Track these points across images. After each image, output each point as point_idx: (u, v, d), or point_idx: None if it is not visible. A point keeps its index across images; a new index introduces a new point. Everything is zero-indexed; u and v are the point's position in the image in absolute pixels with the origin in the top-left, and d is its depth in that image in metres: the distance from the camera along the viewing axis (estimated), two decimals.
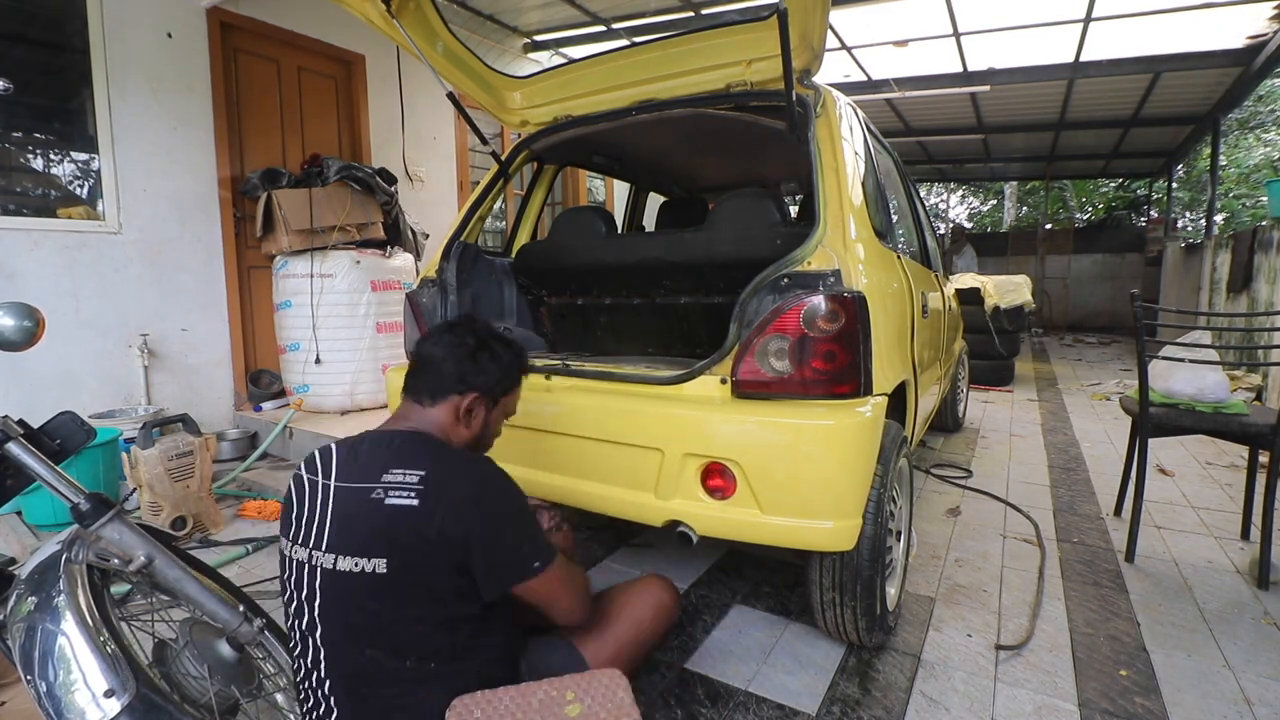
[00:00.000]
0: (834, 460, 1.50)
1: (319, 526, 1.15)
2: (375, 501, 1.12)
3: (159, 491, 2.58)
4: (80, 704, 0.94)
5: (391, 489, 1.12)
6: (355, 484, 1.16)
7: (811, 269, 1.58)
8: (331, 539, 1.13)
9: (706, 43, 2.09)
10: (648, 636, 1.45)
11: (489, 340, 1.37)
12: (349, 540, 1.12)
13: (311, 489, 1.19)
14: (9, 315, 1.18)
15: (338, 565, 1.12)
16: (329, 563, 1.12)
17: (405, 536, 1.10)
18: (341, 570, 1.11)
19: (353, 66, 4.64)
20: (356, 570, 1.10)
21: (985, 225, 18.44)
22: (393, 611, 1.10)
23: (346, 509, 1.14)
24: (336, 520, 1.14)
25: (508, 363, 1.39)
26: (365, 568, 1.10)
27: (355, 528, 1.12)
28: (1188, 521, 2.75)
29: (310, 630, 1.14)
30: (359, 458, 1.20)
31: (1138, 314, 2.27)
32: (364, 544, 1.11)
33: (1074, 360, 7.80)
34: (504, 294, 2.62)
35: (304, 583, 1.15)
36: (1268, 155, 12.52)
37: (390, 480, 1.13)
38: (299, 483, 1.22)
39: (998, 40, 5.70)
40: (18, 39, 3.24)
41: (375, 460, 1.18)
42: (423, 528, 1.10)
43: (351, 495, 1.15)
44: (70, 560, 1.10)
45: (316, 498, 1.18)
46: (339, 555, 1.12)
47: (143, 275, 3.58)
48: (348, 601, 1.12)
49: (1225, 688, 1.67)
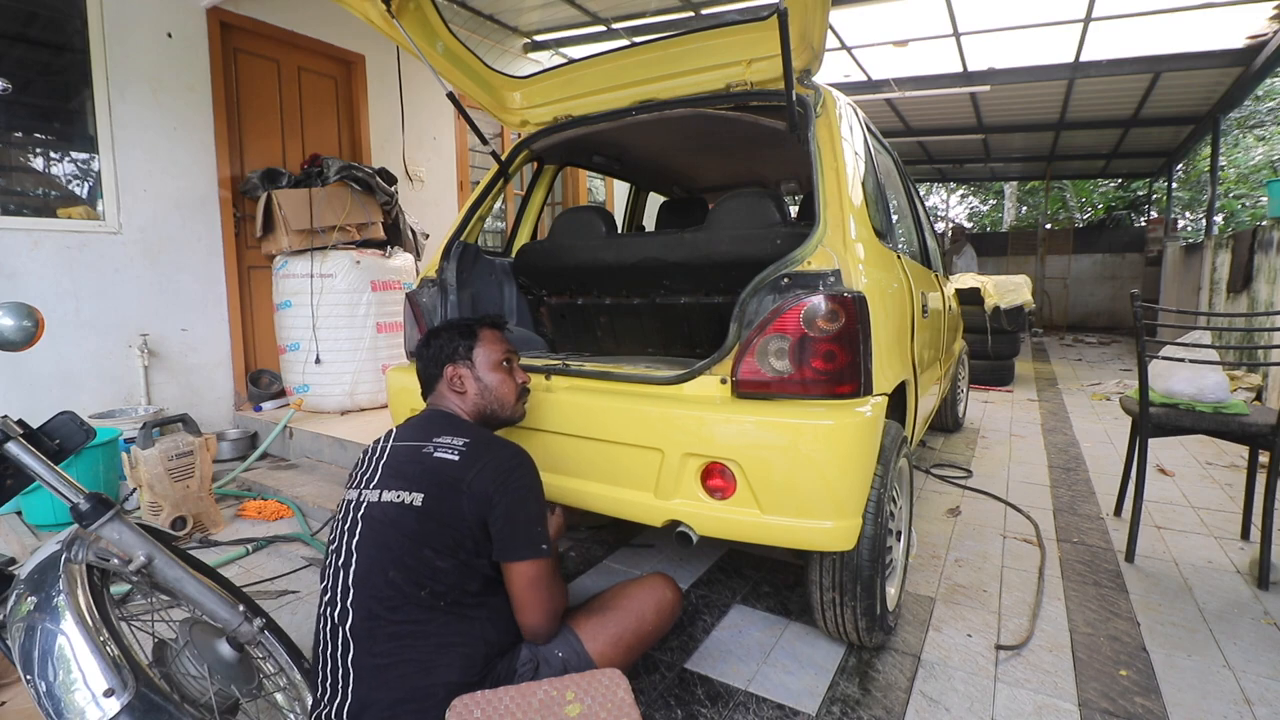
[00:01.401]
0: (834, 460, 1.50)
1: (373, 471, 1.38)
2: (425, 454, 1.35)
3: (159, 491, 2.58)
4: (80, 703, 0.94)
5: (440, 447, 1.36)
6: (409, 442, 1.41)
7: (811, 269, 1.58)
8: (381, 479, 1.35)
9: (706, 43, 2.09)
10: (649, 630, 1.46)
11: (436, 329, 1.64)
12: (395, 479, 1.33)
13: (375, 449, 1.44)
14: (8, 315, 1.18)
15: (382, 497, 1.31)
16: (374, 496, 1.32)
17: (442, 480, 1.30)
18: (385, 501, 1.30)
19: (353, 66, 4.64)
20: (397, 501, 1.29)
21: (985, 225, 18.44)
22: (419, 542, 1.26)
23: (399, 458, 1.38)
24: (389, 466, 1.37)
25: (455, 327, 1.61)
26: (405, 499, 1.29)
27: (403, 471, 1.34)
28: (1188, 521, 2.75)
29: (346, 560, 1.28)
30: (415, 427, 1.46)
31: (1138, 314, 2.27)
32: (408, 481, 1.31)
33: (1074, 360, 7.80)
34: (504, 294, 2.62)
35: (348, 516, 1.33)
36: (1267, 155, 12.52)
37: (439, 442, 1.37)
38: (372, 447, 1.46)
39: (998, 40, 5.70)
40: (18, 39, 3.24)
41: (427, 428, 1.43)
42: (459, 477, 1.30)
43: (405, 450, 1.39)
44: (70, 560, 1.10)
45: (377, 453, 1.42)
46: (384, 490, 1.32)
47: (143, 275, 3.58)
48: (384, 528, 1.28)
49: (1225, 688, 1.67)
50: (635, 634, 1.43)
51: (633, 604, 1.46)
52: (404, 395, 2.18)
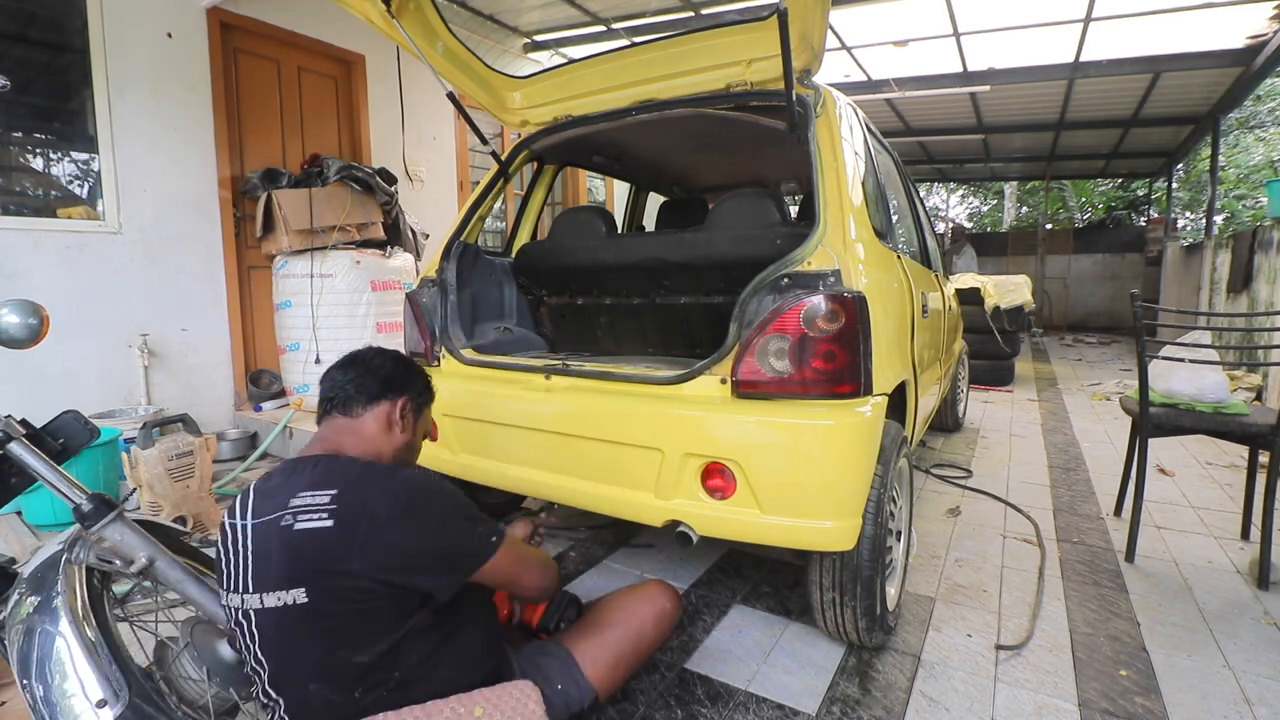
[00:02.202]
0: (834, 460, 1.50)
1: (241, 569, 1.08)
2: (284, 529, 1.04)
3: (159, 491, 2.58)
4: (75, 711, 0.94)
5: (300, 513, 1.04)
6: (265, 518, 1.08)
7: (811, 269, 1.58)
8: (254, 578, 1.06)
9: (706, 43, 2.09)
10: (648, 644, 1.44)
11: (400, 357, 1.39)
12: (268, 575, 1.05)
13: (232, 534, 1.11)
14: (14, 313, 1.18)
15: (265, 603, 1.05)
16: (256, 603, 1.06)
17: (319, 560, 1.03)
18: (269, 607, 1.05)
19: (353, 66, 4.64)
20: (280, 605, 1.04)
21: (985, 225, 18.43)
22: (325, 643, 1.05)
23: (262, 544, 1.07)
24: (255, 558, 1.07)
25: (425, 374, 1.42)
26: (286, 600, 1.03)
27: (270, 561, 1.05)
28: (1188, 521, 2.75)
29: (259, 671, 1.09)
30: (270, 490, 1.12)
31: (1138, 314, 2.27)
32: (283, 576, 1.04)
33: (1074, 360, 7.80)
34: (504, 294, 2.62)
35: (242, 627, 1.09)
36: (1267, 155, 12.52)
37: (298, 504, 1.05)
38: (222, 531, 1.14)
39: (998, 40, 5.70)
40: (18, 39, 3.24)
41: (285, 487, 1.10)
42: (340, 549, 1.03)
43: (263, 528, 1.07)
44: (70, 561, 1.10)
45: (237, 541, 1.10)
46: (263, 593, 1.05)
47: (143, 275, 3.58)
48: (282, 639, 1.07)
49: (1225, 688, 1.67)
50: (635, 651, 1.40)
51: (632, 619, 1.42)
52: None
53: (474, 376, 2.08)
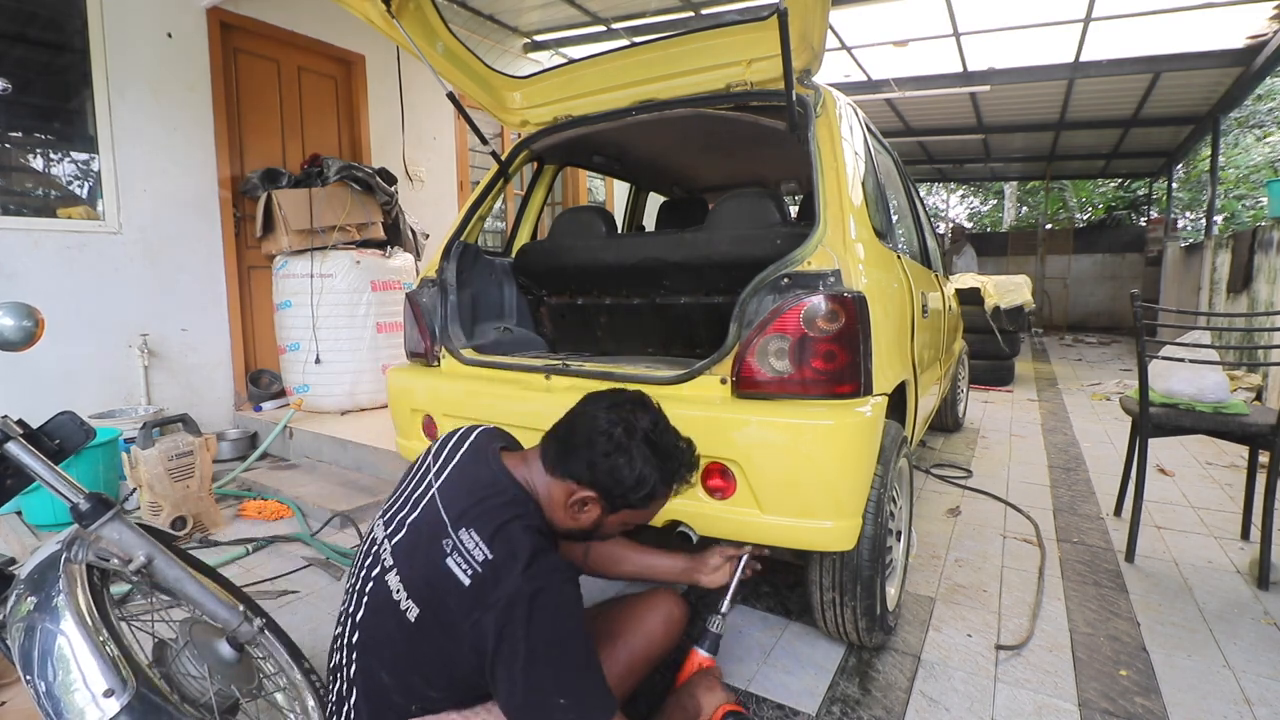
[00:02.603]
0: (834, 460, 1.50)
1: (402, 520, 1.13)
2: (441, 551, 1.04)
3: (159, 491, 2.58)
4: (79, 704, 0.94)
5: (457, 550, 1.03)
6: (443, 509, 1.08)
7: (811, 269, 1.58)
8: (400, 544, 1.10)
9: (706, 43, 2.09)
10: (658, 651, 1.43)
11: (648, 440, 1.15)
12: (406, 560, 1.08)
13: (423, 475, 1.18)
14: (8, 315, 1.18)
15: (389, 577, 1.08)
16: (388, 564, 1.09)
17: (443, 604, 1.02)
18: (389, 584, 1.08)
19: (353, 66, 4.64)
20: (395, 597, 1.06)
21: (985, 225, 18.44)
22: (410, 661, 1.06)
23: (424, 525, 1.09)
24: (414, 529, 1.10)
25: (653, 478, 1.15)
26: (401, 603, 1.05)
27: (415, 555, 1.07)
28: (1188, 521, 2.75)
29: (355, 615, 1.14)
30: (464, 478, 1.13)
31: (1138, 314, 2.27)
32: (411, 577, 1.06)
33: (1074, 360, 7.80)
34: (504, 294, 2.62)
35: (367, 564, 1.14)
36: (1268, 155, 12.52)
37: (462, 541, 1.03)
38: (422, 459, 1.22)
39: (998, 40, 5.70)
40: (18, 39, 3.24)
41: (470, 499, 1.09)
42: (463, 610, 1.00)
43: (433, 517, 1.08)
44: (70, 560, 1.10)
45: (420, 487, 1.16)
46: (395, 566, 1.08)
47: (143, 275, 3.58)
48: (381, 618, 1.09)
49: (1225, 688, 1.67)
50: (645, 659, 1.40)
51: (642, 627, 1.41)
52: (404, 395, 2.18)
53: (474, 376, 2.08)
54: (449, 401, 2.05)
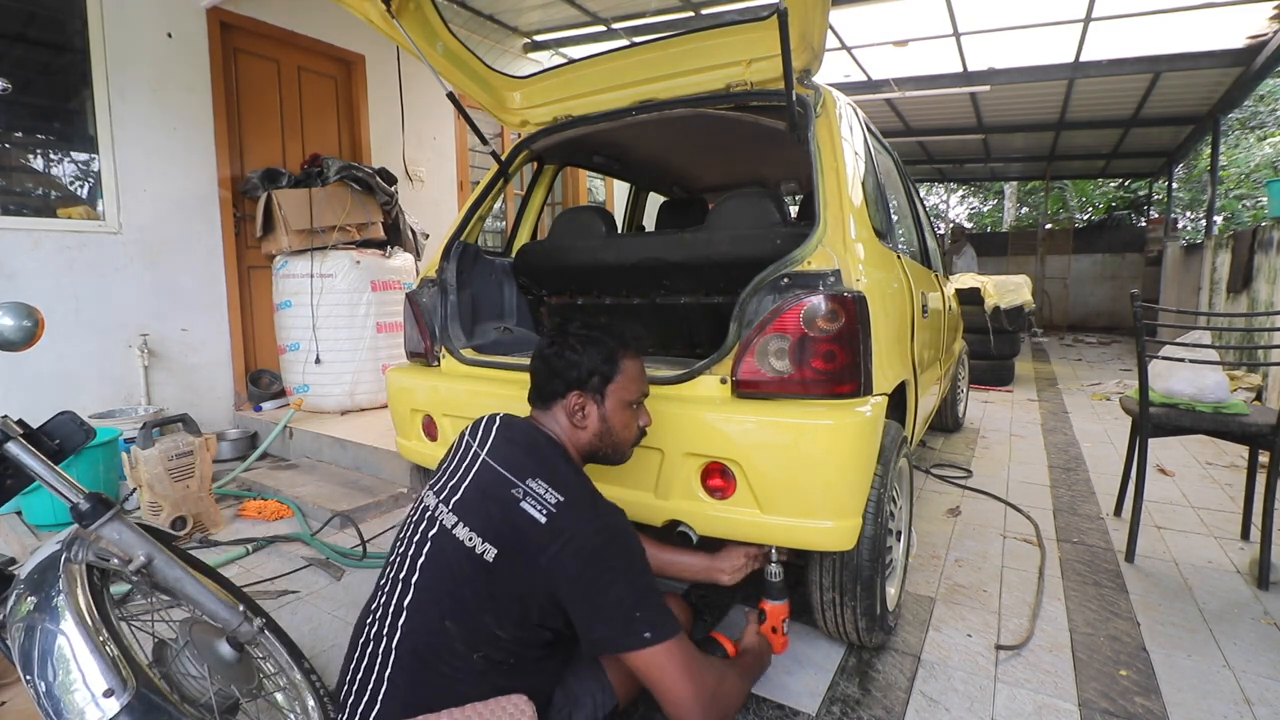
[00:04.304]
0: (834, 460, 1.50)
1: (456, 485, 1.23)
2: (512, 498, 1.17)
3: (159, 491, 2.58)
4: (79, 704, 0.94)
5: (530, 496, 1.16)
6: (501, 468, 1.22)
7: (811, 269, 1.58)
8: (461, 502, 1.20)
9: (706, 43, 2.09)
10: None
11: (569, 337, 1.38)
12: (475, 513, 1.18)
13: (465, 450, 1.30)
14: (8, 315, 1.18)
15: (455, 529, 1.17)
16: (449, 521, 1.18)
17: (522, 541, 1.13)
18: (456, 536, 1.16)
19: (353, 66, 4.64)
20: (469, 545, 1.14)
21: (985, 225, 18.43)
22: (482, 602, 1.13)
23: (484, 484, 1.21)
24: (474, 488, 1.21)
25: (595, 350, 1.36)
26: (477, 547, 1.14)
27: (485, 506, 1.18)
28: (1188, 521, 2.75)
29: (404, 581, 1.18)
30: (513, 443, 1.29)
31: (1137, 314, 2.27)
32: (485, 525, 1.15)
33: (1074, 360, 7.80)
34: (504, 294, 2.62)
35: (419, 528, 1.22)
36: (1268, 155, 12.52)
37: (532, 488, 1.17)
38: (460, 441, 1.35)
39: (998, 40, 5.70)
40: (18, 39, 3.24)
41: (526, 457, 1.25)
42: (540, 546, 1.12)
43: (494, 476, 1.22)
44: (70, 560, 1.10)
45: (466, 459, 1.28)
46: (460, 519, 1.18)
47: (143, 275, 3.58)
48: (448, 570, 1.15)
49: (1225, 688, 1.67)
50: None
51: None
52: (404, 395, 2.18)
53: (474, 376, 2.08)
54: (449, 401, 2.05)
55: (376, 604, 1.22)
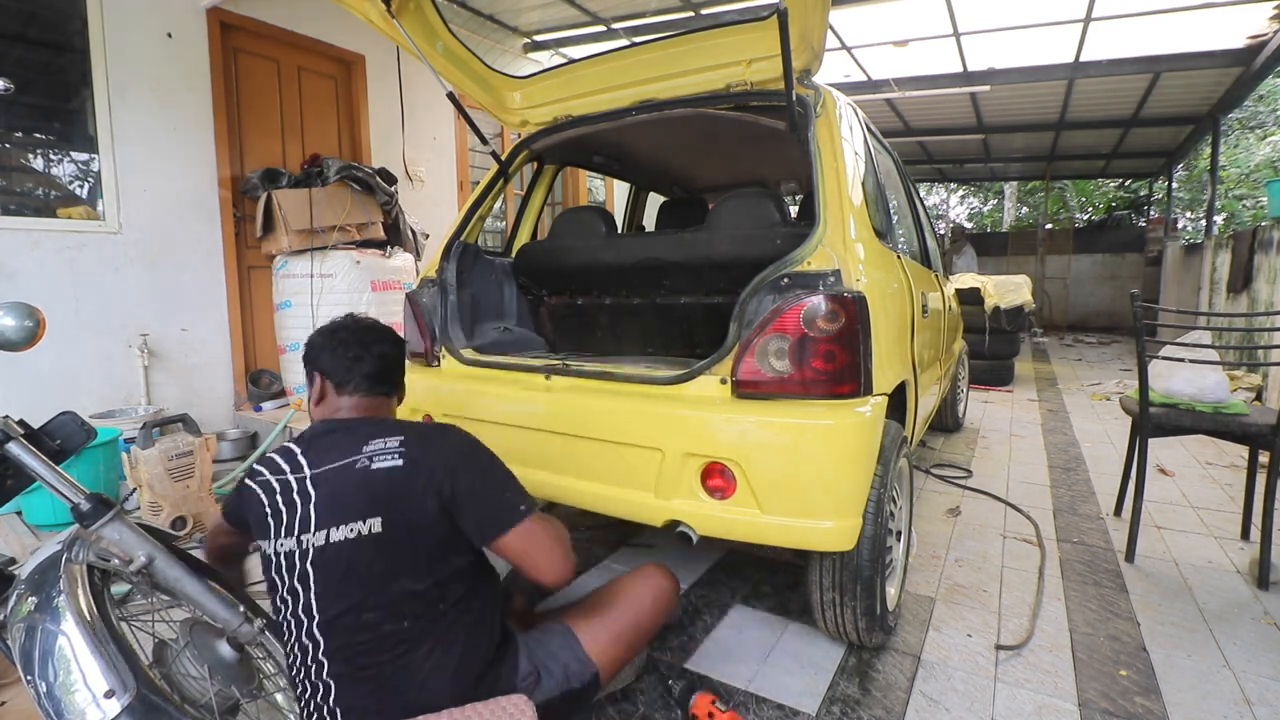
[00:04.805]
0: (834, 460, 1.50)
1: (303, 512, 1.18)
2: (362, 470, 1.17)
3: (159, 491, 2.58)
4: (80, 704, 0.94)
5: (376, 455, 1.18)
6: (337, 463, 1.20)
7: (811, 269, 1.58)
8: (320, 517, 1.16)
9: (706, 43, 2.09)
10: (648, 621, 1.45)
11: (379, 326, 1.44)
12: (340, 511, 1.16)
13: (284, 486, 1.21)
14: (9, 315, 1.18)
15: (331, 538, 1.15)
16: (320, 540, 1.15)
17: (395, 491, 1.16)
18: (335, 541, 1.15)
19: (353, 66, 4.64)
20: (352, 536, 1.14)
21: (985, 225, 18.43)
22: (388, 569, 1.15)
23: (331, 487, 1.18)
24: (322, 500, 1.17)
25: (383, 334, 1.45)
26: (361, 530, 1.14)
27: (346, 498, 1.16)
28: (1188, 521, 2.75)
29: (306, 613, 1.16)
30: (327, 446, 1.24)
31: (1138, 314, 2.27)
32: (357, 509, 1.15)
33: (1074, 360, 7.80)
34: (504, 294, 2.62)
35: (294, 568, 1.17)
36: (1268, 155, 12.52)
37: (372, 450, 1.19)
38: (266, 487, 1.22)
39: (998, 40, 5.70)
40: (18, 39, 3.24)
41: (347, 440, 1.23)
42: (411, 482, 1.16)
43: (334, 474, 1.19)
44: (70, 560, 1.10)
45: (291, 491, 1.20)
46: (331, 528, 1.15)
47: (142, 275, 3.58)
48: (344, 570, 1.14)
49: (1225, 688, 1.67)
50: (635, 628, 1.42)
51: (630, 596, 1.44)
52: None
53: (474, 376, 2.08)
54: (449, 401, 2.05)
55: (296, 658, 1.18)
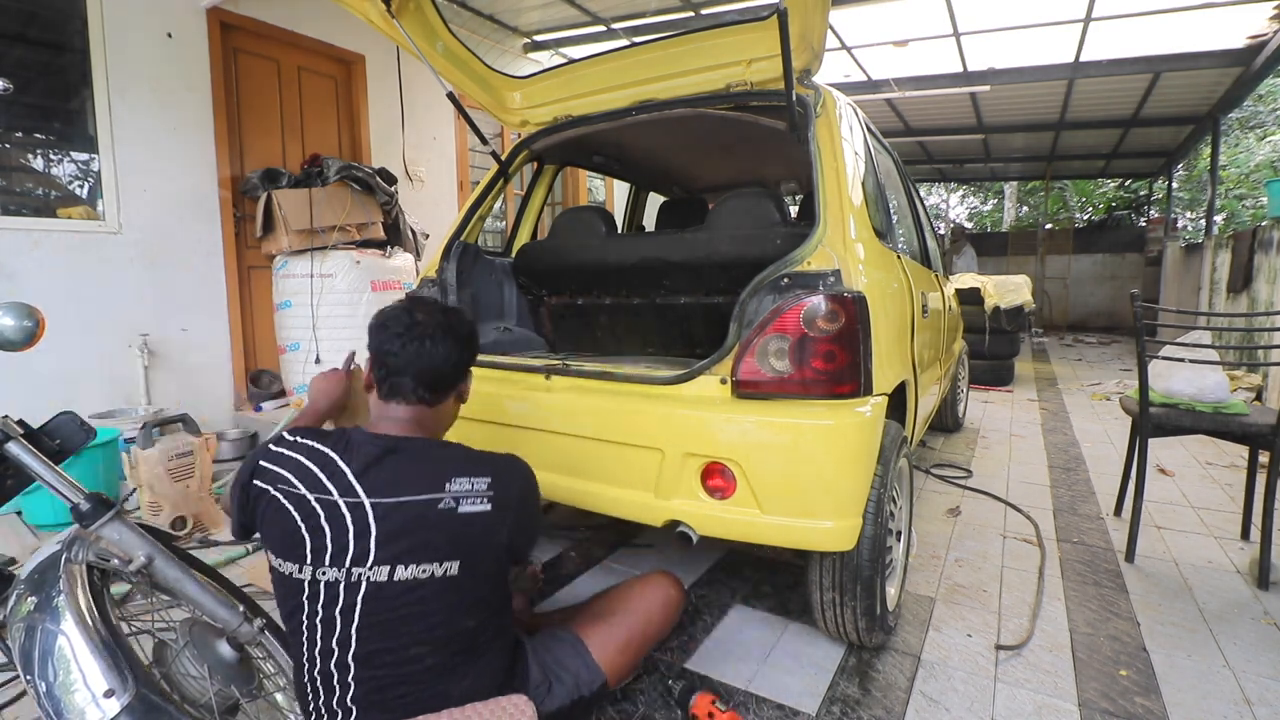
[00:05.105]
0: (834, 460, 1.50)
1: (359, 546, 1.09)
2: (447, 511, 1.12)
3: (159, 491, 2.58)
4: (80, 704, 0.94)
5: (463, 498, 1.13)
6: (408, 498, 1.11)
7: (811, 269, 1.58)
8: (384, 553, 1.09)
9: (706, 43, 2.09)
10: (655, 630, 1.46)
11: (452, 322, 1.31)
12: (412, 551, 1.09)
13: (329, 510, 1.11)
14: (9, 315, 1.18)
15: (396, 576, 1.09)
16: (381, 576, 1.08)
17: (480, 538, 1.14)
18: (400, 580, 1.09)
19: (353, 66, 4.64)
20: (424, 576, 1.10)
21: (985, 225, 18.43)
22: (453, 608, 1.13)
23: (403, 523, 1.10)
24: (388, 536, 1.09)
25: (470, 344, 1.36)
26: (435, 572, 1.10)
27: (422, 538, 1.10)
28: (1188, 521, 2.75)
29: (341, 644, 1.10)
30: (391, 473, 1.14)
31: (1138, 314, 2.27)
32: (435, 550, 1.10)
33: (1074, 360, 7.80)
34: (504, 294, 2.62)
35: (337, 600, 1.10)
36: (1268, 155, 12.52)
37: (458, 490, 1.14)
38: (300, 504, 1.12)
39: (998, 40, 5.70)
40: (18, 39, 3.24)
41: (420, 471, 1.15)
42: (495, 531, 1.15)
43: (408, 510, 1.11)
44: (70, 560, 1.10)
45: (342, 518, 1.10)
46: (398, 565, 1.09)
47: (143, 275, 3.58)
48: (402, 607, 1.10)
49: (1225, 688, 1.67)
50: (643, 636, 1.43)
51: (639, 605, 1.46)
52: None
53: (474, 376, 2.07)
54: None
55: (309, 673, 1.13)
